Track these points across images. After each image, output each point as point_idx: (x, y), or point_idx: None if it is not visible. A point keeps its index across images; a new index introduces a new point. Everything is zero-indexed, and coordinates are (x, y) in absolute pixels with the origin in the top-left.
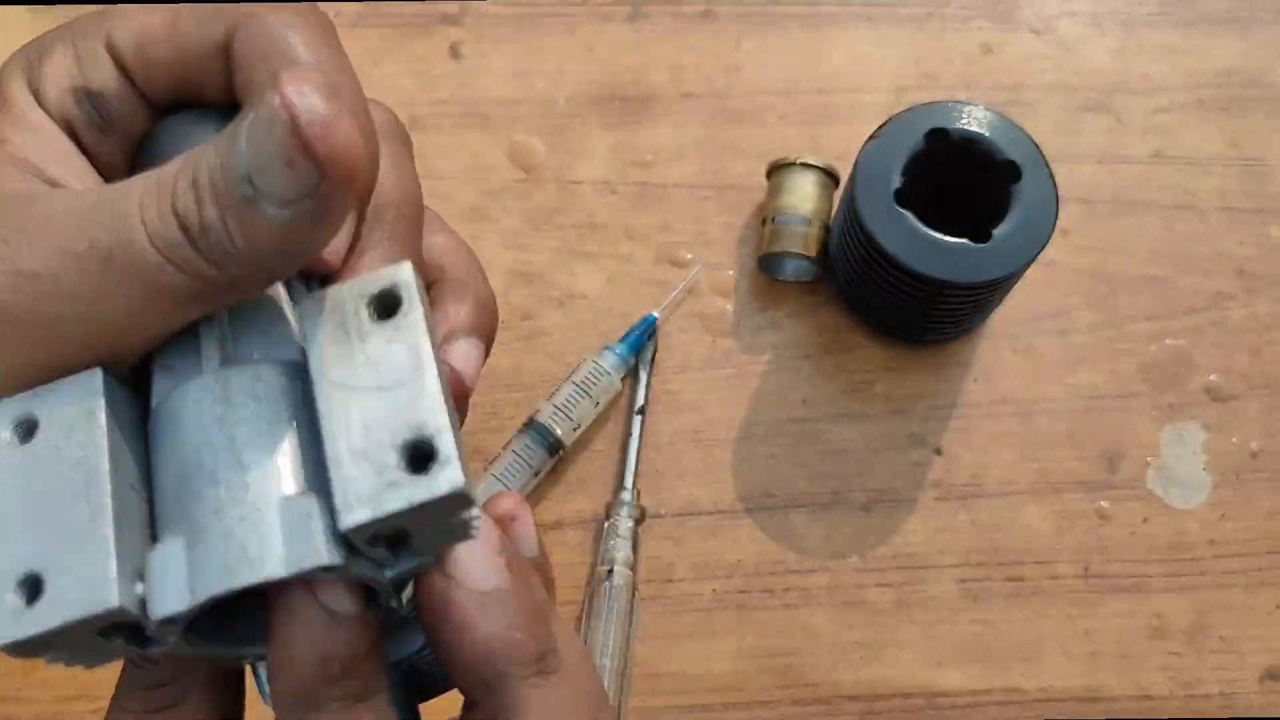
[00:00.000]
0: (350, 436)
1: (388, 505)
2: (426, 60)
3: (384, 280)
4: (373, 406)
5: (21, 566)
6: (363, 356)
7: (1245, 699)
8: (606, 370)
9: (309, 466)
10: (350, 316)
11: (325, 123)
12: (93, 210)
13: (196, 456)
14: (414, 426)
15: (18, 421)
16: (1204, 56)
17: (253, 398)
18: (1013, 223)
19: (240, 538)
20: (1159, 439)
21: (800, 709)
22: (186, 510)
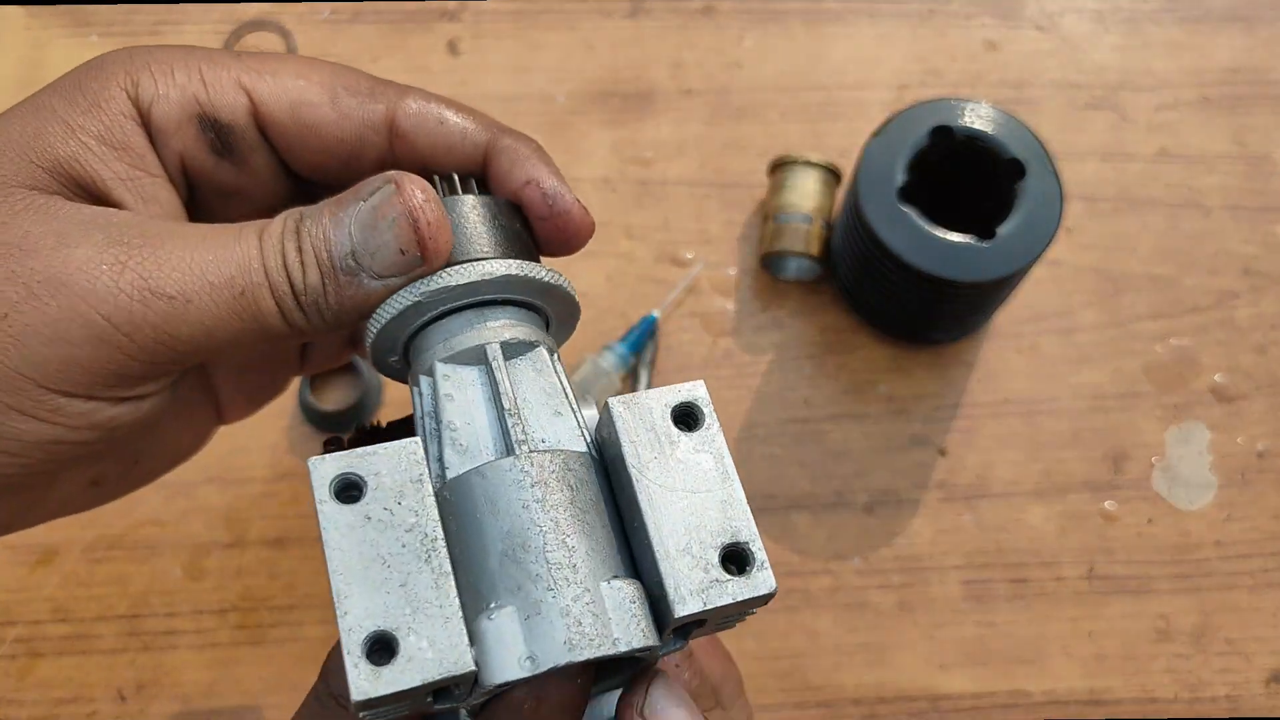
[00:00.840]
0: (675, 534)
1: (716, 600)
2: (425, 56)
3: (685, 395)
4: (691, 508)
5: (371, 625)
6: (675, 462)
7: (1251, 701)
8: (606, 370)
9: (619, 552)
10: (658, 423)
11: (439, 223)
12: (229, 251)
13: (522, 534)
14: (731, 532)
15: (338, 479)
16: (1209, 53)
17: (566, 485)
18: (1017, 220)
19: (577, 616)
20: (1164, 439)
21: (802, 712)
22: (517, 583)
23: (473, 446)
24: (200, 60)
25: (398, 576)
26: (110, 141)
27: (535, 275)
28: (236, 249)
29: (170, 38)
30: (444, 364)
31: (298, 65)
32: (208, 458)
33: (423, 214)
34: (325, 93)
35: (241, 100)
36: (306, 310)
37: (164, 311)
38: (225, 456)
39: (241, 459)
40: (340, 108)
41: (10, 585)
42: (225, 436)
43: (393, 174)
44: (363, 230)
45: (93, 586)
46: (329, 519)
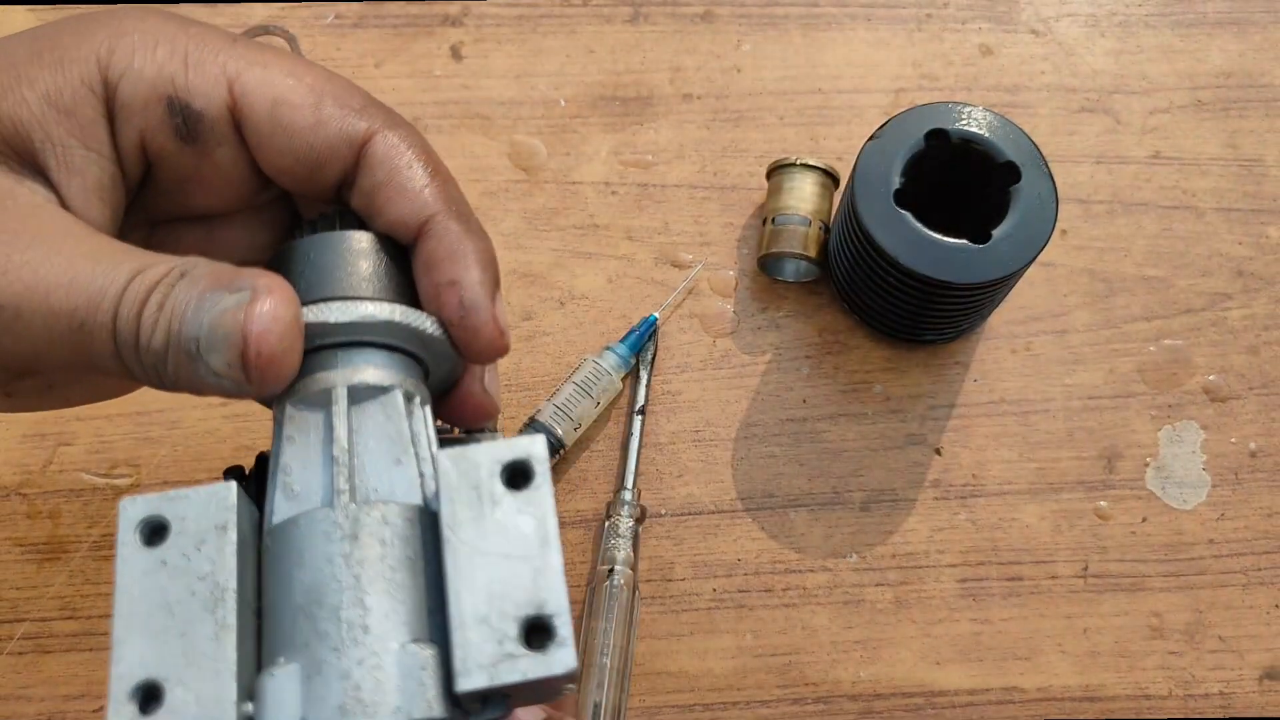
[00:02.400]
0: (475, 600)
1: (504, 677)
2: (428, 61)
3: (520, 451)
4: (499, 574)
5: (141, 673)
6: (493, 523)
7: (1244, 698)
8: (607, 370)
9: (427, 614)
10: (485, 481)
11: (272, 358)
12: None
13: (320, 590)
14: (536, 603)
15: (144, 522)
16: (1202, 58)
17: (379, 540)
18: (1011, 223)
19: (357, 680)
20: (1157, 439)
21: (799, 708)
22: (304, 641)
23: (302, 492)
24: (190, 38)
25: (178, 626)
26: (57, 104)
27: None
28: (99, 279)
29: None
30: (292, 404)
31: (293, 64)
32: (214, 457)
33: (257, 343)
34: (311, 96)
35: (220, 90)
36: (145, 368)
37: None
38: (231, 456)
39: (248, 457)
40: (320, 115)
41: (18, 582)
42: (227, 435)
43: (260, 281)
44: (210, 327)
45: (101, 584)
46: (124, 561)
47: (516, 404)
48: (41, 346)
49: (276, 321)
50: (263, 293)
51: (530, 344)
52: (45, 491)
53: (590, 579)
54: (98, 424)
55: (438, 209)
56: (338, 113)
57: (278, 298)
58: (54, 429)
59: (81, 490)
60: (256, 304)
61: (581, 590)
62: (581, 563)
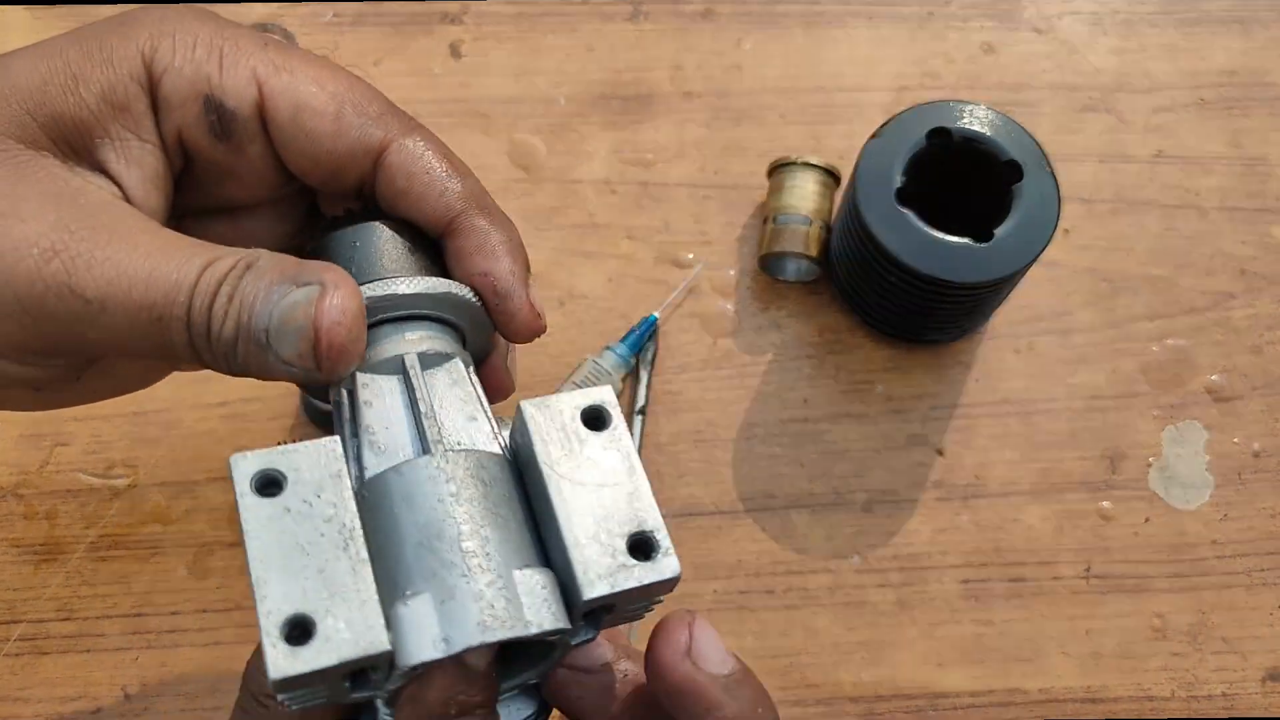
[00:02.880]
0: (584, 523)
1: (623, 583)
2: (427, 59)
3: (594, 398)
4: (599, 500)
5: (289, 609)
6: (584, 459)
7: (1248, 700)
8: (607, 370)
9: (532, 545)
10: (569, 424)
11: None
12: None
13: (437, 526)
14: (637, 521)
15: (258, 475)
16: (1206, 56)
17: (480, 480)
18: (1014, 222)
19: (490, 599)
20: (1161, 439)
21: (801, 710)
22: (432, 570)
23: (390, 448)
24: (225, 40)
25: (315, 564)
26: (112, 100)
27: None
28: (174, 273)
29: None
30: (363, 374)
31: (318, 70)
32: (211, 457)
33: (328, 336)
34: (332, 104)
35: (251, 90)
36: (215, 356)
37: (75, 311)
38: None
39: None
40: (341, 123)
41: (14, 584)
42: (228, 435)
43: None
44: (280, 319)
45: (97, 585)
46: (249, 511)
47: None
48: (122, 337)
49: (345, 314)
50: (330, 287)
51: (530, 344)
52: (42, 492)
53: None
54: (94, 424)
55: (460, 208)
56: (356, 121)
57: (345, 291)
58: (50, 429)
59: (78, 491)
60: (326, 298)
61: None
62: None
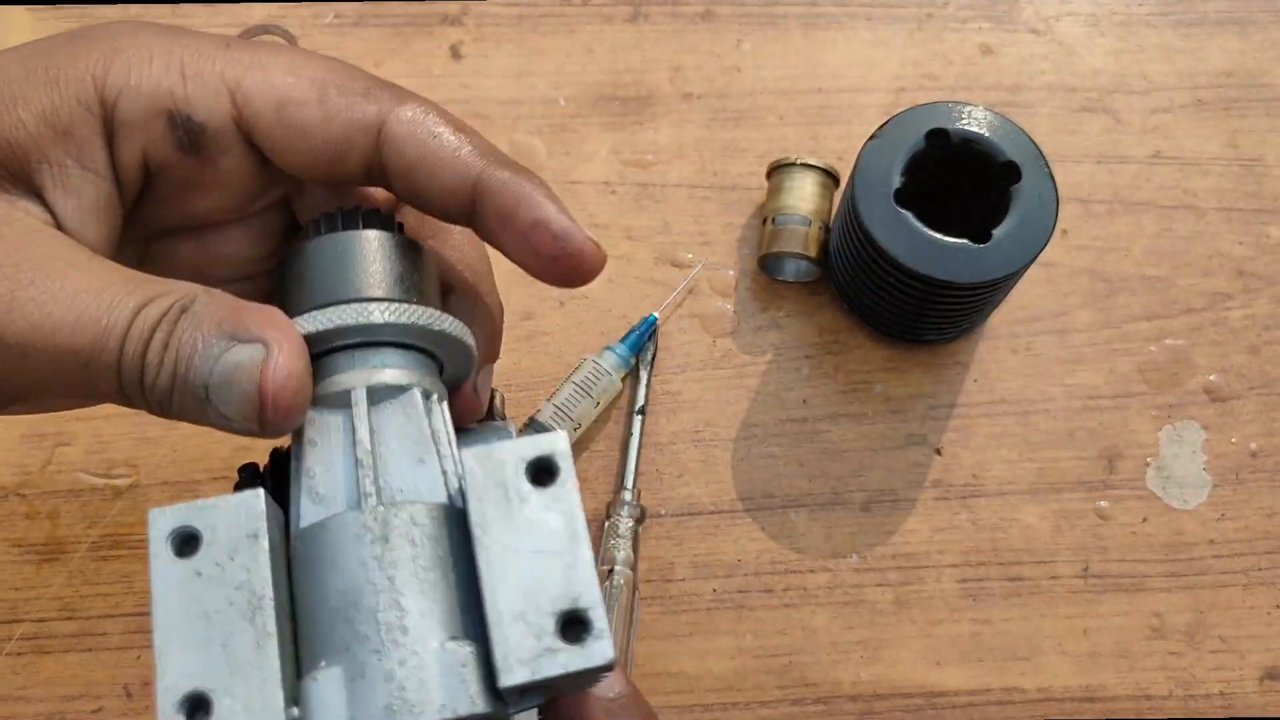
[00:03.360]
0: (510, 597)
1: (545, 671)
2: (427, 60)
3: (543, 448)
4: (532, 571)
5: (187, 685)
6: (523, 521)
7: (1245, 699)
8: (607, 370)
9: (461, 612)
10: (510, 479)
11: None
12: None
13: (356, 593)
14: (571, 597)
15: (175, 533)
16: (1203, 57)
17: (409, 540)
18: (1012, 223)
19: (401, 680)
20: (1158, 439)
21: (800, 708)
22: (344, 644)
23: (328, 496)
24: (185, 50)
25: (220, 635)
26: (54, 124)
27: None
28: (103, 316)
29: None
30: (312, 409)
31: (290, 59)
32: (213, 457)
33: (274, 400)
34: (314, 90)
35: (222, 100)
36: (149, 403)
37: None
38: (229, 456)
39: (246, 457)
40: (328, 107)
41: (16, 583)
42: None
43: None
44: (221, 378)
45: (99, 584)
46: (159, 575)
47: (516, 404)
48: (46, 381)
49: (291, 378)
50: (274, 347)
51: (530, 344)
52: (44, 492)
53: None
54: (96, 424)
55: (481, 165)
56: (344, 102)
57: (289, 352)
58: (52, 429)
59: (80, 490)
60: (270, 362)
61: None
62: None
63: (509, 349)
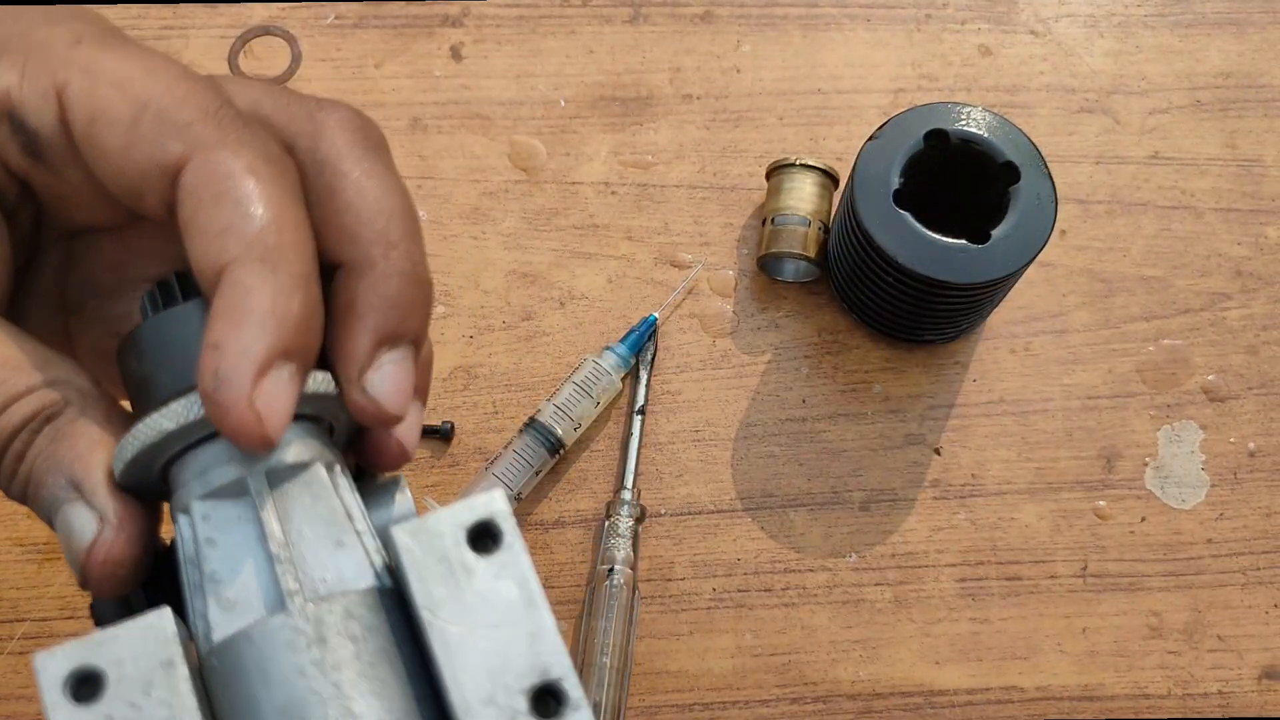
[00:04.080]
0: (475, 682)
1: None
2: (428, 62)
3: (481, 512)
4: (493, 648)
5: None
6: (472, 595)
7: (1243, 698)
8: (607, 370)
9: (418, 704)
10: (451, 550)
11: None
12: None
13: (299, 707)
14: (540, 670)
15: (72, 676)
16: (1201, 58)
17: (349, 637)
18: (1011, 224)
19: None
20: (1156, 439)
21: (799, 707)
22: None
23: (241, 601)
24: (34, 43)
25: None
26: None
27: None
28: None
29: (176, 42)
30: (202, 502)
31: (132, 69)
32: None
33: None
34: (130, 110)
35: (50, 104)
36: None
37: None
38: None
39: None
40: (135, 134)
41: (18, 582)
42: None
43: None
44: (58, 525)
45: None
46: None
47: (516, 404)
48: None
49: (118, 566)
50: (107, 530)
51: (530, 344)
52: None
53: (590, 579)
54: None
55: (235, 254)
56: (152, 132)
57: (122, 539)
58: None
59: None
60: (96, 545)
61: (581, 590)
62: (581, 563)
63: (510, 349)
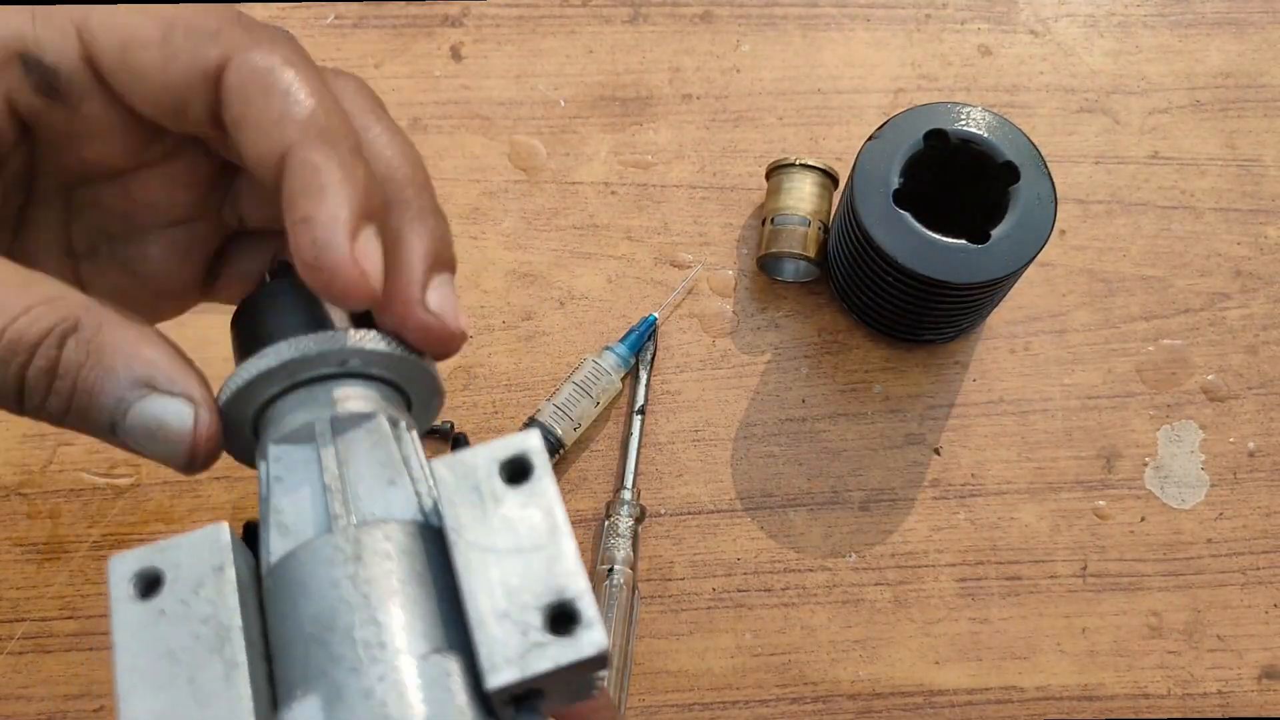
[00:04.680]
0: (493, 598)
1: (534, 666)
2: (428, 62)
3: (515, 448)
4: (513, 569)
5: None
6: (499, 520)
7: (1243, 698)
8: (607, 370)
9: (445, 624)
10: (484, 481)
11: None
12: None
13: (330, 615)
14: (556, 590)
15: (137, 575)
16: (1201, 58)
17: (384, 556)
18: (1010, 223)
19: (381, 697)
20: (1156, 438)
21: (799, 707)
22: (321, 668)
23: (296, 527)
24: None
25: (186, 672)
26: None
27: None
28: None
29: None
30: (276, 445)
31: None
32: None
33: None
34: (158, 30)
35: (70, 40)
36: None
37: None
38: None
39: None
40: (169, 49)
41: (18, 582)
42: None
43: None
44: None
45: (101, 584)
46: (120, 618)
47: (516, 404)
48: None
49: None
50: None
51: (530, 344)
52: (45, 491)
53: (590, 578)
54: None
55: (295, 138)
56: (188, 44)
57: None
58: (54, 429)
59: (82, 490)
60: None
61: None
62: None
63: (510, 349)
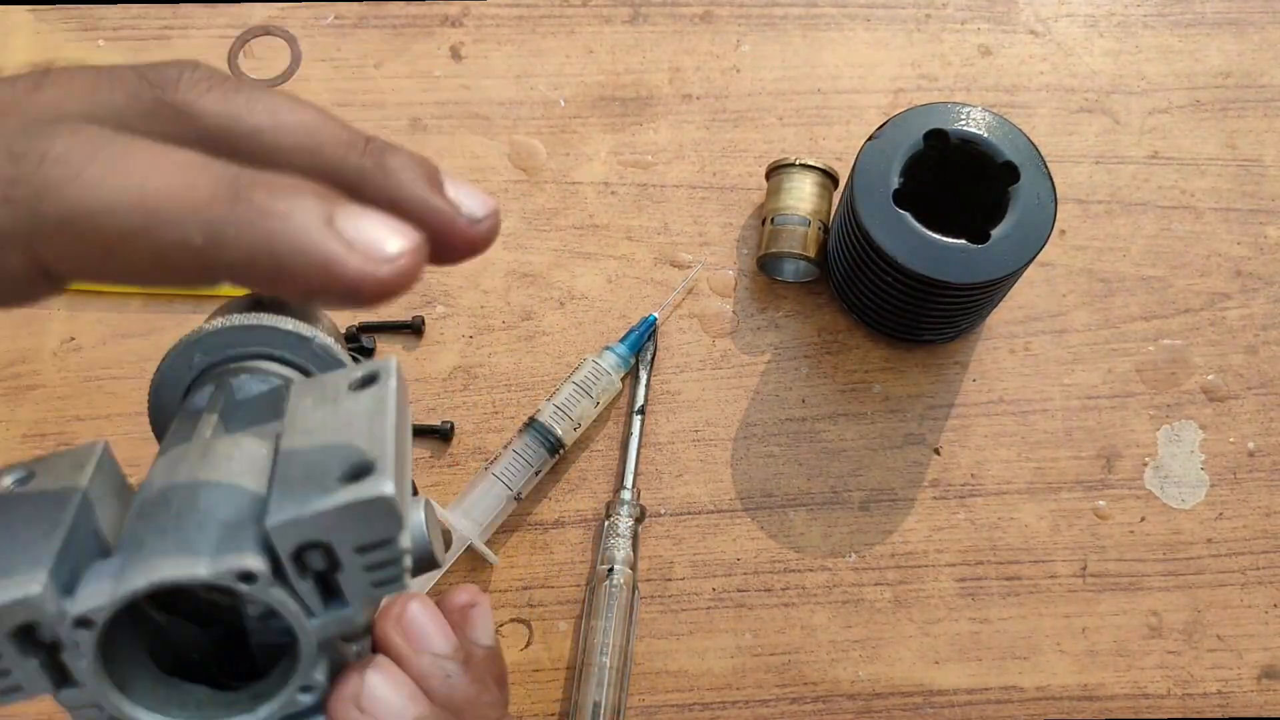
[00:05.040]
0: (303, 464)
1: (314, 505)
2: (428, 62)
3: (370, 367)
4: (328, 444)
5: None
6: (330, 409)
7: (1242, 697)
8: (607, 370)
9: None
10: (329, 388)
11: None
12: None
13: (162, 496)
14: (359, 452)
15: (21, 476)
16: (1201, 58)
17: (226, 458)
18: (1010, 223)
19: (174, 542)
20: (1156, 438)
21: (798, 706)
22: (136, 534)
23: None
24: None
25: (20, 534)
26: None
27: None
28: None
29: (177, 41)
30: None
31: None
32: None
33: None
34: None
35: None
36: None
37: None
38: None
39: None
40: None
41: None
42: None
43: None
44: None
45: None
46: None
47: (516, 403)
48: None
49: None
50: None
51: (530, 344)
52: None
53: (590, 579)
54: (98, 424)
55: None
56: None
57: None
58: (54, 429)
59: None
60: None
61: (581, 590)
62: (581, 562)
63: (509, 349)
